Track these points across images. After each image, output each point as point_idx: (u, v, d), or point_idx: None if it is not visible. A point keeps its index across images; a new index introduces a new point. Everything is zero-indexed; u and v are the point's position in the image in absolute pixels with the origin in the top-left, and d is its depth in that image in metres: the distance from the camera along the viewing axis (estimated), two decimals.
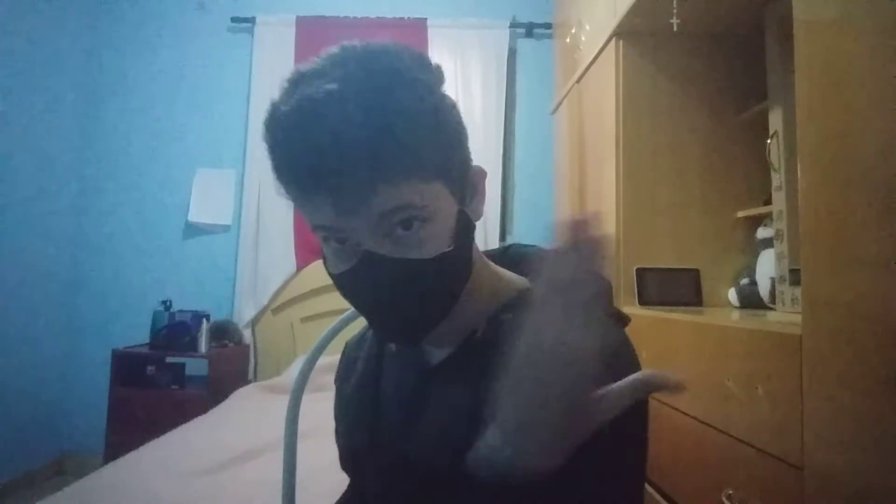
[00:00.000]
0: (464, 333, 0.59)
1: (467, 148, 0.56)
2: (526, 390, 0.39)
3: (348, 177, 0.47)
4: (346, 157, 0.46)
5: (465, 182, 0.56)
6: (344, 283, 0.53)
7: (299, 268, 3.03)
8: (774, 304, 1.48)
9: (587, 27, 2.15)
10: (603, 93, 1.96)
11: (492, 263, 0.63)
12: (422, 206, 0.50)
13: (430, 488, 0.56)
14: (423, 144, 0.49)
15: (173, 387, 2.67)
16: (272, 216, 3.05)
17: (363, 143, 0.46)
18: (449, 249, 0.52)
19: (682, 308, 1.64)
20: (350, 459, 0.71)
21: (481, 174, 0.59)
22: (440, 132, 0.51)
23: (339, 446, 0.74)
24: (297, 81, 0.50)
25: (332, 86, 0.47)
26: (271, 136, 0.50)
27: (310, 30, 3.13)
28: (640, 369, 0.48)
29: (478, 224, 0.58)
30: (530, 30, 3.19)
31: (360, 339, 0.76)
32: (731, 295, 1.71)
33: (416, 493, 0.58)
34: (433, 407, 0.59)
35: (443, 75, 0.54)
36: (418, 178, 0.49)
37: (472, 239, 0.57)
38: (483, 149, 2.93)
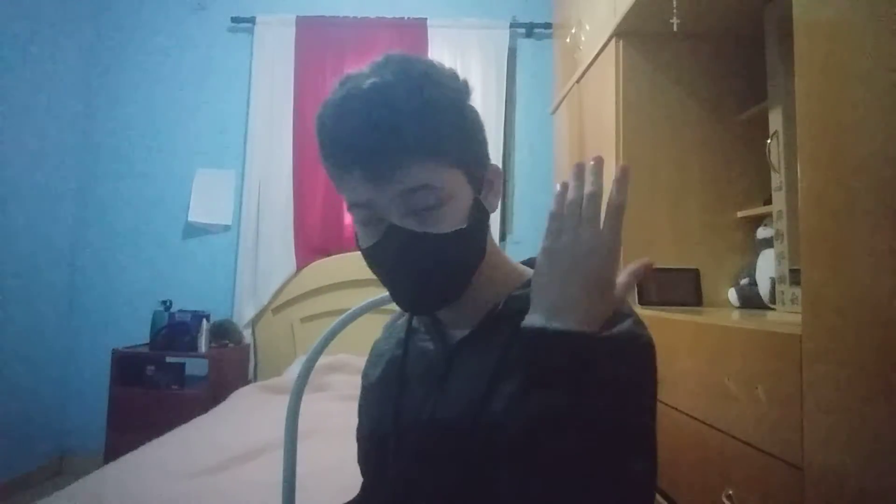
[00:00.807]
0: (483, 312, 0.65)
1: (486, 149, 0.67)
2: (560, 269, 0.54)
3: (379, 153, 0.56)
4: (378, 135, 0.56)
5: (483, 176, 0.65)
6: (371, 255, 0.62)
7: (299, 268, 3.03)
8: (774, 304, 1.48)
9: (587, 27, 2.15)
10: (603, 93, 1.96)
11: (505, 254, 0.72)
12: (440, 188, 0.59)
13: (455, 457, 0.60)
14: (445, 134, 0.59)
15: (173, 387, 2.67)
16: (272, 216, 3.05)
17: (393, 125, 0.56)
18: (463, 227, 0.60)
19: (682, 308, 1.64)
20: (374, 445, 0.71)
21: (498, 173, 0.67)
22: (462, 128, 0.62)
23: (359, 440, 0.75)
24: (345, 80, 0.61)
25: (374, 79, 0.58)
26: (320, 123, 0.61)
27: (310, 30, 3.13)
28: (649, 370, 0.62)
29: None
30: (530, 30, 3.19)
31: (388, 335, 0.79)
32: (731, 295, 1.71)
33: (441, 464, 0.61)
34: (455, 378, 0.64)
35: (469, 89, 0.64)
36: (439, 163, 0.59)
37: (487, 226, 0.65)
38: None
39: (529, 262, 0.71)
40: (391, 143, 0.56)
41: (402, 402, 0.68)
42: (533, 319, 0.54)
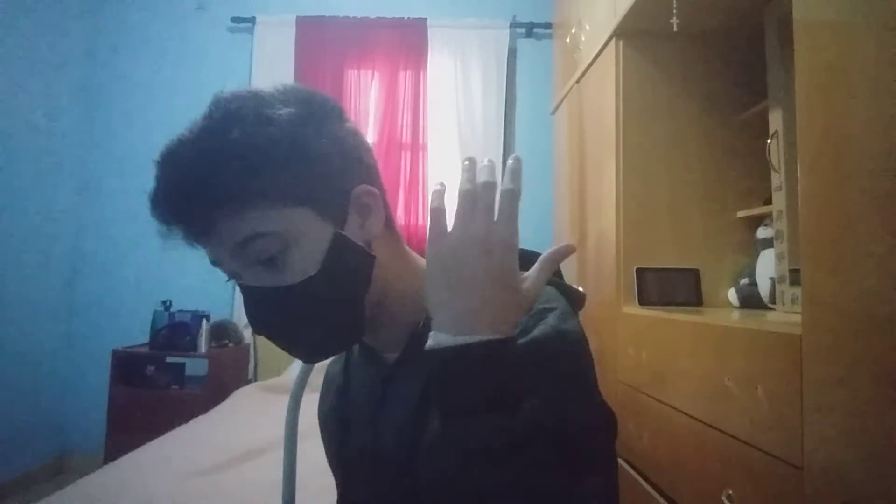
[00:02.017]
0: (407, 332, 0.62)
1: (352, 173, 0.59)
2: (458, 278, 0.47)
3: (189, 212, 0.53)
4: (184, 194, 0.53)
5: (345, 203, 0.57)
6: (247, 317, 0.57)
7: None
8: (774, 304, 1.48)
9: (587, 27, 2.15)
10: (603, 93, 1.96)
11: (410, 253, 0.66)
12: (273, 233, 0.53)
13: (395, 489, 0.59)
14: (268, 174, 0.53)
15: (173, 387, 2.67)
16: None
17: (198, 180, 0.52)
18: (315, 272, 0.54)
19: (682, 308, 1.64)
20: (333, 469, 0.74)
21: (372, 194, 0.60)
22: (298, 161, 0.54)
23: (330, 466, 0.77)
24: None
25: (185, 132, 0.55)
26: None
27: (310, 30, 3.13)
28: (579, 356, 0.56)
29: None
30: (530, 30, 3.19)
31: (336, 359, 0.78)
32: (731, 295, 1.71)
33: (386, 497, 0.60)
34: (390, 406, 0.62)
35: (328, 114, 0.58)
36: (270, 206, 0.53)
37: (362, 258, 0.57)
38: (483, 149, 2.94)
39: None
40: (199, 199, 0.52)
41: (348, 435, 0.68)
42: (438, 339, 0.46)
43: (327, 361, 0.75)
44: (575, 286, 0.65)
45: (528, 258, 0.67)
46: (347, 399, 0.70)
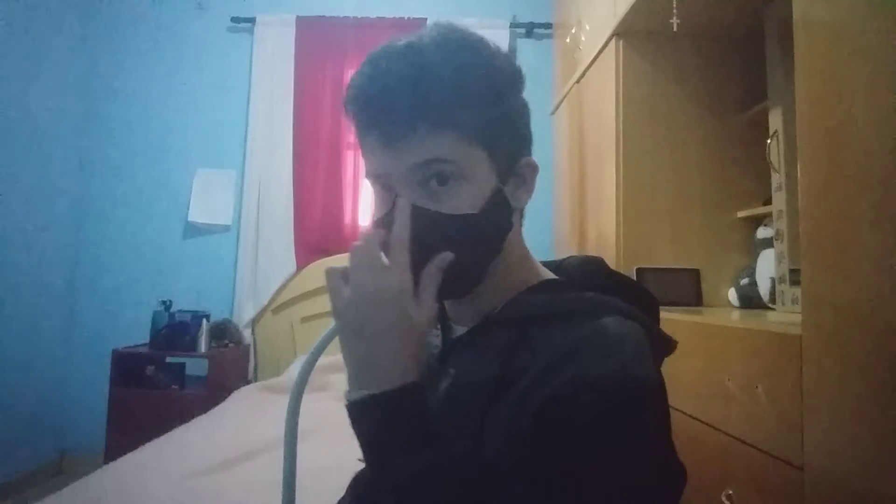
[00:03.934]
0: (485, 312, 0.61)
1: (525, 142, 0.63)
2: (354, 334, 0.52)
3: (395, 111, 0.53)
4: (398, 94, 0.53)
5: (512, 165, 0.60)
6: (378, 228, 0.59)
7: (299, 268, 3.03)
8: (774, 304, 1.48)
9: (587, 27, 2.15)
10: (603, 93, 1.96)
11: (533, 258, 0.66)
12: (454, 161, 0.54)
13: None
14: (471, 106, 0.54)
15: (173, 387, 2.67)
16: (272, 216, 3.05)
17: (415, 85, 0.53)
18: (473, 213, 0.55)
19: (682, 308, 1.64)
20: None
21: (533, 168, 0.63)
22: (493, 107, 0.57)
23: None
24: (387, 42, 0.57)
25: (411, 39, 0.56)
26: (350, 80, 0.58)
27: (310, 30, 3.12)
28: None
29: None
30: (530, 30, 3.19)
31: None
32: (731, 295, 1.71)
33: None
34: (446, 377, 0.62)
35: (520, 78, 0.61)
36: (458, 135, 0.54)
37: (507, 221, 0.60)
38: None
39: (552, 265, 0.69)
40: (409, 104, 0.53)
41: None
42: (346, 394, 0.53)
43: (327, 361, 0.75)
44: (666, 334, 0.64)
45: (578, 262, 0.66)
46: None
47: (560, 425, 0.48)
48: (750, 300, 1.64)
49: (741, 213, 1.75)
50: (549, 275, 0.65)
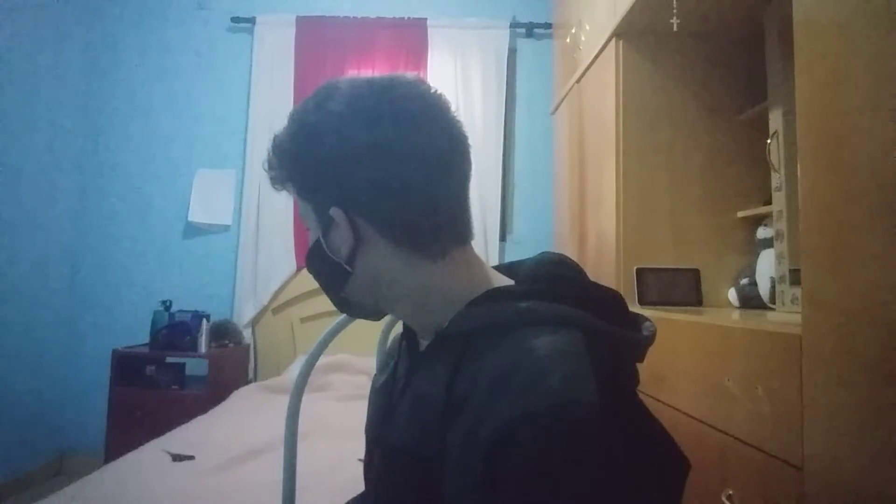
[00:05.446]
0: (436, 327, 0.62)
1: (339, 188, 0.61)
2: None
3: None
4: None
5: (325, 216, 0.62)
6: None
7: (299, 268, 3.03)
8: (774, 304, 1.48)
9: (587, 27, 2.15)
10: (603, 93, 1.96)
11: (484, 266, 0.66)
12: (302, 211, 0.65)
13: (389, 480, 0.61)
14: (292, 165, 0.63)
15: (173, 387, 2.67)
16: (272, 216, 3.05)
17: (274, 146, 0.65)
18: (309, 251, 0.66)
19: (682, 308, 1.64)
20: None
21: (340, 217, 0.62)
22: (304, 161, 0.62)
23: None
24: None
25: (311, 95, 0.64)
26: None
27: (310, 30, 3.13)
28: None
29: (477, 224, 0.61)
30: (530, 30, 3.19)
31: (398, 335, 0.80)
32: (731, 295, 1.71)
33: (385, 487, 0.63)
34: (407, 394, 0.63)
35: (366, 119, 0.60)
36: (294, 190, 0.64)
37: (329, 266, 0.64)
38: (483, 149, 2.93)
39: (507, 267, 0.69)
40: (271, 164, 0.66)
41: (375, 414, 0.70)
42: None
43: (327, 361, 0.75)
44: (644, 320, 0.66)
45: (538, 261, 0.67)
46: (393, 380, 0.70)
47: (503, 475, 0.47)
48: (750, 300, 1.64)
49: (741, 213, 1.75)
50: (501, 281, 0.64)
